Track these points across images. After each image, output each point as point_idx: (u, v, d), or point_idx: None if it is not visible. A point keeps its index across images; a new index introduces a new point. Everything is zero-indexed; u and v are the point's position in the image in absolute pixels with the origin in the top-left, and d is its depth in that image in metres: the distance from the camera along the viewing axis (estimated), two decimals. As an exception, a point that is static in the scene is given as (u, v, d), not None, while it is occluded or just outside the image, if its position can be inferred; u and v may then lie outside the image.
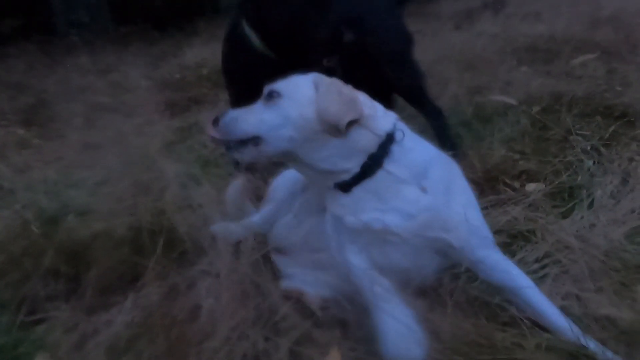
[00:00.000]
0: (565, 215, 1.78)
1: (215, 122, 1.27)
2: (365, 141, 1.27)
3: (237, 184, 1.83)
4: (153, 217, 1.57)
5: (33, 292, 1.41)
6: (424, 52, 3.92)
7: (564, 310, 1.36)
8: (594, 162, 2.04)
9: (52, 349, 1.30)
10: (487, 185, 2.03)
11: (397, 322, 1.18)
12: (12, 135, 3.44)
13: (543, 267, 1.56)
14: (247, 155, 1.27)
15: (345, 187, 1.28)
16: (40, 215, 1.95)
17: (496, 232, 1.75)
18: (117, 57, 5.18)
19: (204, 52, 4.75)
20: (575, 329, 1.24)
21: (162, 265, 1.39)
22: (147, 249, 1.44)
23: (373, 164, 1.27)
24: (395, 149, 1.29)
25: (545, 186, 1.96)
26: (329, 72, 1.80)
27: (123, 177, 2.21)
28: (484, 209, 1.86)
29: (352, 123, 1.24)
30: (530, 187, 1.98)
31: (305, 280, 1.41)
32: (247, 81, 2.23)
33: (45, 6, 6.23)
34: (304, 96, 1.26)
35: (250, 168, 2.12)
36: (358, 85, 1.34)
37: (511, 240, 1.71)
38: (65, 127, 3.38)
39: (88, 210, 1.91)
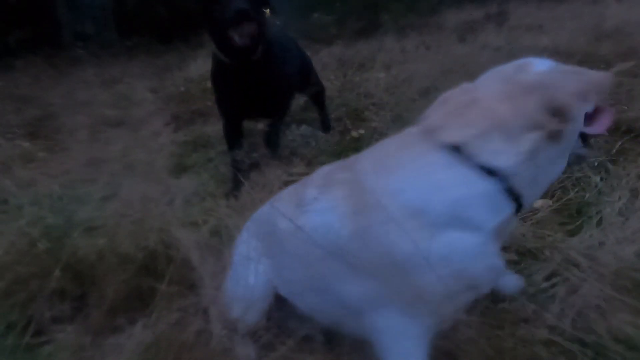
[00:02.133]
0: (573, 233, 1.77)
1: None
2: None
3: None
4: (159, 235, 1.56)
5: (39, 313, 1.40)
6: (427, 65, 3.95)
7: (573, 327, 1.35)
8: (601, 179, 2.03)
9: (58, 371, 1.30)
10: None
11: None
12: (18, 148, 3.45)
13: (552, 286, 1.55)
14: None
15: None
16: (46, 232, 1.95)
17: (504, 249, 1.74)
18: (122, 70, 5.20)
19: (209, 65, 4.73)
20: None
21: (171, 287, 1.38)
22: (154, 268, 1.43)
23: None
24: None
25: (553, 203, 1.95)
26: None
27: (129, 192, 2.22)
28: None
29: None
30: (538, 203, 1.97)
31: None
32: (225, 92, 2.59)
33: (52, 19, 6.28)
34: None
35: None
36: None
37: (519, 258, 1.70)
38: (70, 140, 3.39)
39: (94, 226, 1.90)
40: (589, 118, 1.18)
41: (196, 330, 1.23)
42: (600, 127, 1.15)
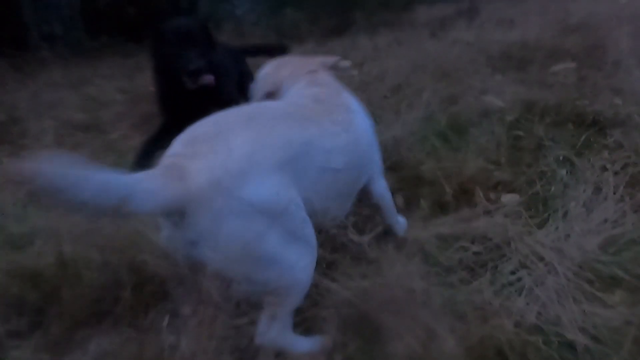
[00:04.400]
0: (539, 226, 1.80)
1: None
2: None
3: None
4: (126, 244, 1.52)
5: (-6, 328, 1.36)
6: (399, 61, 3.97)
7: (539, 320, 1.37)
8: (566, 172, 2.06)
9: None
10: (462, 197, 2.04)
11: None
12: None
13: (519, 280, 1.57)
14: None
15: None
16: (8, 241, 1.89)
17: (472, 242, 1.76)
18: (91, 71, 5.08)
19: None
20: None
21: (133, 299, 1.34)
22: (119, 280, 1.39)
23: None
24: None
25: (520, 197, 1.98)
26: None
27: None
28: (461, 221, 1.88)
29: None
30: (506, 197, 2.00)
31: None
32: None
33: (17, 19, 6.09)
34: None
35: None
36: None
37: (486, 252, 1.72)
38: (37, 145, 3.29)
39: (57, 234, 1.85)
40: None
41: (159, 347, 1.20)
42: None
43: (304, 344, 1.30)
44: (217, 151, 1.10)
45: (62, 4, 6.23)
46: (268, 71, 1.80)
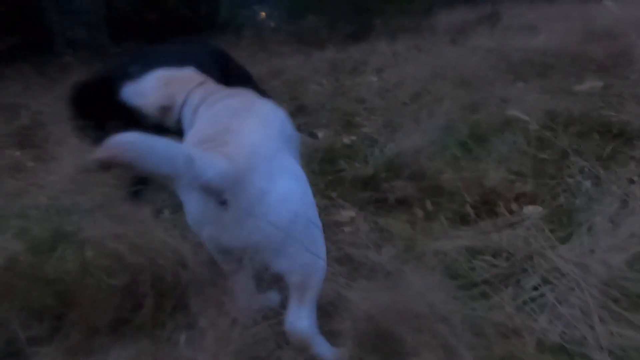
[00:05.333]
0: (563, 241, 1.75)
1: None
2: None
3: None
4: (145, 251, 1.52)
5: (15, 334, 1.37)
6: (419, 68, 3.94)
7: (563, 339, 1.34)
8: (591, 184, 2.01)
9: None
10: (483, 208, 2.01)
11: None
12: (7, 158, 3.41)
13: (541, 296, 1.53)
14: None
15: None
16: (30, 246, 1.92)
17: (493, 256, 1.73)
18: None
19: (200, 70, 4.75)
20: None
21: (153, 309, 1.35)
22: (138, 288, 1.40)
23: None
24: None
25: (543, 209, 1.94)
26: None
27: (118, 204, 2.19)
28: (482, 233, 1.85)
29: None
30: (528, 210, 1.96)
31: None
32: None
33: (42, 25, 6.24)
34: None
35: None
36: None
37: (507, 266, 1.68)
38: (60, 149, 3.35)
39: (80, 240, 1.87)
40: None
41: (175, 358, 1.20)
42: None
43: (328, 348, 1.31)
44: (242, 139, 1.23)
45: (86, 10, 6.36)
46: (154, 86, 1.75)
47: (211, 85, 1.74)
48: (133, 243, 1.49)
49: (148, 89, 1.76)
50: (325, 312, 1.36)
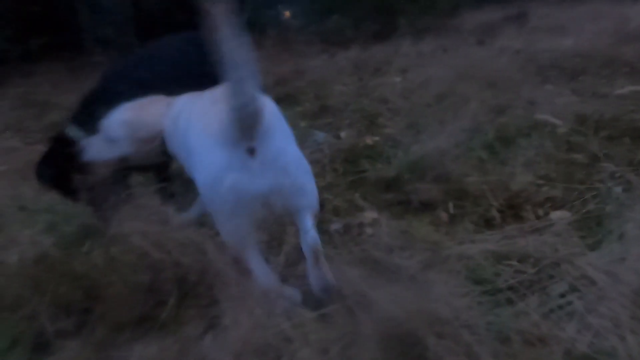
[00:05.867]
0: (592, 247, 1.71)
1: None
2: None
3: None
4: (172, 247, 1.54)
5: (43, 327, 1.40)
6: (444, 69, 3.90)
7: (591, 350, 1.30)
8: (623, 190, 1.96)
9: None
10: (509, 212, 1.97)
11: None
12: (36, 153, 3.49)
13: (569, 304, 1.49)
14: None
15: None
16: (59, 240, 1.97)
17: (519, 261, 1.70)
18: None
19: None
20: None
21: (178, 305, 1.37)
22: (163, 284, 1.42)
23: None
24: None
25: (572, 215, 1.89)
26: None
27: (147, 199, 2.22)
28: (507, 238, 1.82)
29: None
30: (555, 215, 1.91)
31: None
32: None
33: (73, 24, 6.39)
34: None
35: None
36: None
37: (534, 272, 1.65)
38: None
39: (105, 236, 1.90)
40: None
41: (198, 356, 1.21)
42: None
43: None
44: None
45: (114, 9, 6.49)
46: (128, 118, 1.76)
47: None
48: (157, 240, 1.51)
49: (117, 133, 1.76)
50: (349, 312, 1.35)
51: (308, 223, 1.51)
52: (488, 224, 1.96)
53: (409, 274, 1.62)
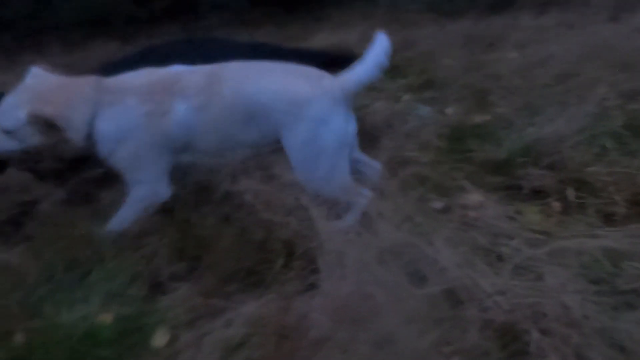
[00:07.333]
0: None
1: None
2: None
3: None
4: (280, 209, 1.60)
5: (159, 268, 1.54)
6: (568, 46, 3.56)
7: None
8: None
9: (171, 324, 1.41)
10: (635, 209, 1.79)
11: None
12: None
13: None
14: None
15: None
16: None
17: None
18: (249, 39, 5.42)
19: (332, 38, 4.78)
20: None
21: (282, 266, 1.43)
22: (270, 243, 1.49)
23: None
24: None
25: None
26: None
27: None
28: (631, 236, 1.65)
29: None
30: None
31: None
32: None
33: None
34: None
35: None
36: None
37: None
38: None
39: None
40: None
41: (299, 315, 1.26)
42: None
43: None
44: None
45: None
46: (37, 107, 1.60)
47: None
48: (268, 200, 1.58)
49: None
50: (454, 296, 1.32)
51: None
52: (607, 219, 1.80)
53: (514, 263, 1.54)
